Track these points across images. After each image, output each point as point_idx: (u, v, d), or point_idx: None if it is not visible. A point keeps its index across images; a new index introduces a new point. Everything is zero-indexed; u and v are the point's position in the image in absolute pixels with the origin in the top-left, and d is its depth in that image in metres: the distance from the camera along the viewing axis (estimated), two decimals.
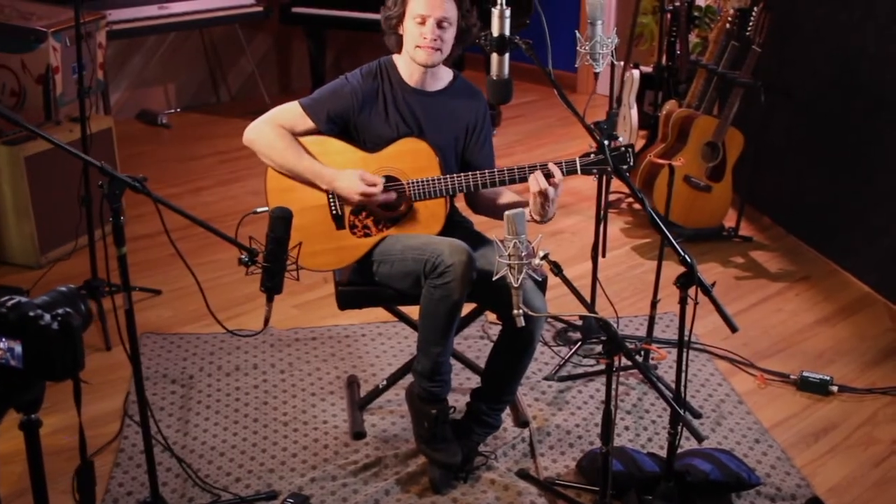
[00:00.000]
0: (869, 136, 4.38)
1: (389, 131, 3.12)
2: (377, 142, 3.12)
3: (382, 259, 3.08)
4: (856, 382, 3.71)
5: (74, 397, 1.79)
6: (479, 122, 3.22)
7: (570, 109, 2.72)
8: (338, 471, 3.12)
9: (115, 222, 2.55)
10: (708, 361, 3.83)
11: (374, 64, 3.18)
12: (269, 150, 3.08)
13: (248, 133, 3.11)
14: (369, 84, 3.12)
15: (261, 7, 6.58)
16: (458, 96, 3.19)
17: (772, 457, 3.25)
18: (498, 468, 3.14)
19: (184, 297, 4.27)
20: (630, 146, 3.05)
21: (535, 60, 2.72)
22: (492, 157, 3.30)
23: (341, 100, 3.10)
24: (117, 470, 3.14)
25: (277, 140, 3.07)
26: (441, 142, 3.16)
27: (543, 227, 5.01)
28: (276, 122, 3.09)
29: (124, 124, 6.64)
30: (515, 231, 2.46)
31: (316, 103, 3.11)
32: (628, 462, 3.02)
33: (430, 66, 3.09)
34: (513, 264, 2.47)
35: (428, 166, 3.08)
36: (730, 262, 4.74)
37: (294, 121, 3.09)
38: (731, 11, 4.81)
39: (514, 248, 2.47)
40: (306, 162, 3.06)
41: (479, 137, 3.23)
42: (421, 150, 3.08)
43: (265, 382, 3.65)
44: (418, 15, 3.00)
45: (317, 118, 3.09)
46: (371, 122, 3.12)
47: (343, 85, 3.13)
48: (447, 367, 3.04)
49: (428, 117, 3.15)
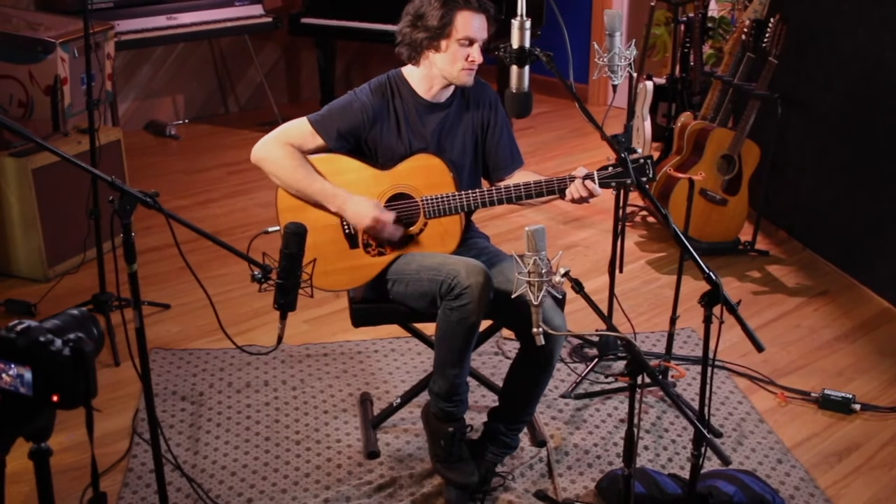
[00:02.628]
0: (887, 149, 4.31)
1: (402, 147, 3.05)
2: (390, 157, 3.05)
3: (397, 278, 3.01)
4: (878, 400, 3.64)
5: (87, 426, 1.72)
6: (489, 121, 3.16)
7: (591, 122, 2.66)
8: (352, 491, 3.05)
9: (126, 238, 2.48)
10: (727, 379, 3.76)
11: (382, 78, 3.11)
12: (278, 170, 3.00)
13: (257, 152, 3.04)
14: (379, 99, 3.05)
15: (270, 17, 6.54)
16: (467, 100, 3.13)
17: (795, 478, 3.18)
18: (515, 489, 3.07)
19: (193, 312, 4.21)
20: (650, 157, 2.99)
21: (555, 73, 2.67)
22: (517, 152, 3.24)
23: (351, 116, 3.03)
24: (126, 490, 3.08)
25: (287, 160, 2.99)
26: (455, 154, 3.10)
27: (556, 241, 5.01)
28: (284, 140, 3.01)
29: (133, 135, 6.60)
30: (535, 248, 2.38)
31: (325, 120, 3.03)
32: (650, 484, 2.95)
33: (469, 85, 3.04)
34: (532, 281, 2.40)
35: (441, 182, 3.01)
36: (746, 276, 4.67)
37: (303, 138, 3.02)
38: (746, 23, 4.75)
39: (535, 265, 2.40)
40: (317, 184, 2.99)
41: (495, 129, 3.17)
42: (434, 167, 3.02)
43: (276, 399, 3.58)
44: (466, 38, 2.93)
45: (326, 136, 3.01)
46: (383, 139, 3.05)
47: (352, 101, 3.05)
48: (464, 388, 2.98)
49: (442, 130, 3.09)
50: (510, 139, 3.23)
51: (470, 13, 2.92)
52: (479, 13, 2.93)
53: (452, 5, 2.91)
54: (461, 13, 2.91)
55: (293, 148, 3.01)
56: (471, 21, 2.92)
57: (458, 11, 2.91)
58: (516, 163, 3.22)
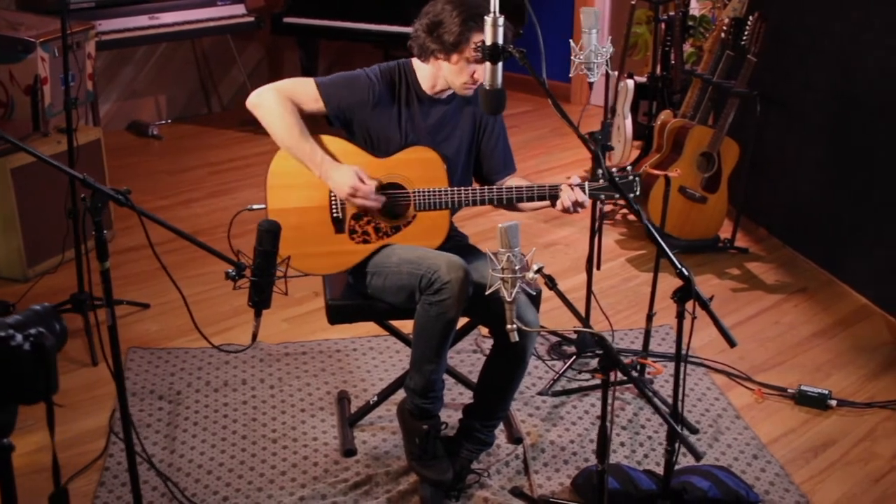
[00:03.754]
0: (865, 147, 4.33)
1: (398, 137, 3.04)
2: (382, 144, 3.05)
3: (376, 271, 3.01)
4: (855, 396, 3.66)
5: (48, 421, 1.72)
6: (489, 119, 3.16)
7: (565, 119, 2.66)
8: (328, 489, 3.05)
9: (98, 236, 2.48)
10: (704, 375, 3.77)
11: (392, 64, 3.09)
12: (274, 120, 2.96)
13: (257, 97, 3.00)
14: (387, 83, 3.04)
15: (252, 17, 6.52)
16: (466, 98, 3.13)
17: (770, 473, 3.19)
18: (491, 486, 3.08)
19: (172, 311, 4.20)
20: (638, 175, 3.02)
21: (529, 70, 2.66)
22: (508, 153, 3.26)
23: (357, 91, 3.01)
24: (102, 489, 3.07)
25: (286, 114, 2.95)
26: (450, 150, 3.09)
27: (536, 239, 5.01)
28: (287, 93, 2.97)
29: (115, 135, 6.59)
30: (509, 244, 2.39)
31: (332, 87, 3.01)
32: (624, 480, 2.95)
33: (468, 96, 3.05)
34: (506, 278, 2.40)
35: (435, 177, 3.01)
36: (726, 273, 4.68)
37: (306, 97, 2.98)
38: (726, 21, 4.77)
39: (508, 261, 2.41)
40: (308, 146, 2.96)
41: (492, 132, 3.18)
42: (430, 160, 3.01)
43: (254, 398, 3.58)
44: (477, 56, 2.92)
45: (329, 102, 2.99)
46: (379, 122, 3.03)
47: (359, 76, 3.04)
48: (440, 384, 2.98)
49: (439, 125, 3.09)
50: (506, 145, 3.25)
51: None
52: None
53: (472, 25, 2.89)
54: (479, 35, 2.89)
55: (293, 104, 2.98)
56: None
57: (475, 32, 2.90)
58: (508, 169, 3.24)
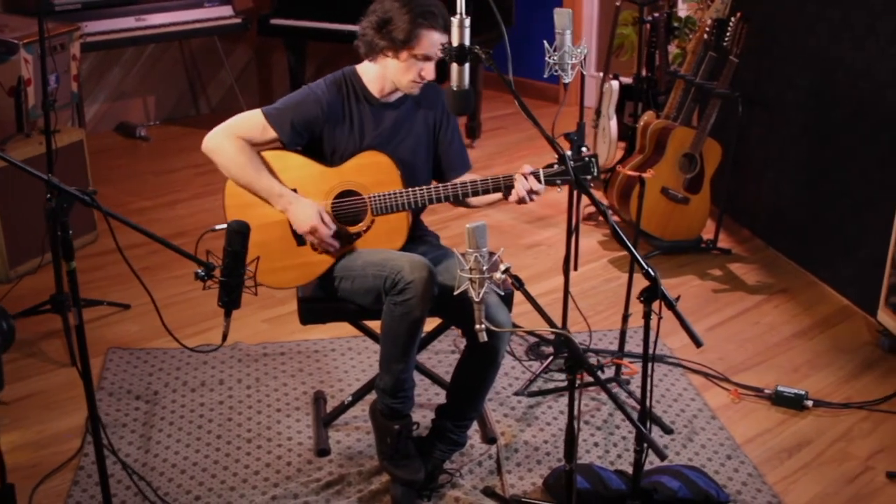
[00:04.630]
0: (846, 148, 4.33)
1: (353, 145, 3.06)
2: (340, 153, 3.06)
3: (344, 275, 3.03)
4: (832, 397, 3.66)
5: None
6: (441, 121, 3.18)
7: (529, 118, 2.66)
8: (300, 488, 3.06)
9: (64, 236, 2.48)
10: (682, 376, 3.77)
11: (338, 74, 3.12)
12: (227, 162, 3.00)
13: (207, 143, 3.03)
14: (334, 94, 3.06)
15: (239, 19, 6.53)
16: (420, 100, 3.14)
17: (743, 473, 3.19)
18: (463, 486, 3.08)
19: (152, 312, 4.10)
20: (594, 156, 3.00)
21: (495, 70, 2.67)
22: (465, 155, 3.26)
23: (306, 109, 3.03)
24: (76, 488, 3.08)
25: (238, 154, 2.99)
26: (407, 152, 3.11)
27: (519, 240, 5.02)
28: (235, 133, 3.00)
29: (103, 137, 6.61)
30: (476, 244, 2.40)
31: (279, 113, 3.03)
32: (594, 480, 2.96)
33: (415, 94, 3.06)
34: (474, 278, 2.41)
35: (389, 180, 3.02)
36: (707, 274, 4.68)
37: (255, 131, 3.01)
38: (708, 22, 4.77)
39: (475, 261, 2.42)
40: (265, 181, 2.99)
41: (443, 136, 3.19)
42: (382, 164, 3.03)
43: (231, 398, 3.58)
44: (426, 56, 2.94)
45: (280, 129, 3.01)
46: (335, 135, 3.06)
47: (307, 94, 3.06)
48: (410, 384, 2.98)
49: (393, 129, 3.10)
50: (460, 142, 3.26)
51: (436, 33, 2.94)
52: (445, 33, 2.93)
53: (421, 23, 2.91)
54: (428, 32, 2.92)
55: (244, 141, 3.00)
56: (435, 40, 2.93)
57: (424, 30, 2.92)
58: (466, 166, 3.24)
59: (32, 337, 4.00)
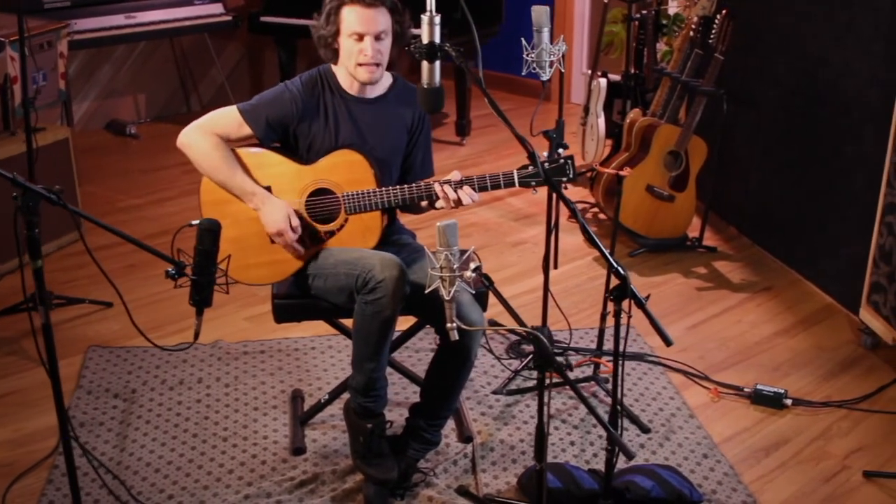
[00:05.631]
0: (829, 145, 4.32)
1: (329, 141, 3.06)
2: (316, 152, 3.06)
3: (317, 273, 3.02)
4: (812, 395, 3.64)
5: None
6: (418, 124, 3.17)
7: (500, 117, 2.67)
8: (273, 487, 3.05)
9: (30, 235, 2.48)
10: (661, 374, 3.76)
11: (313, 72, 3.12)
12: (201, 159, 3.02)
13: (182, 138, 3.05)
14: (310, 92, 3.06)
15: (230, 16, 6.52)
16: (398, 100, 3.14)
17: (719, 472, 3.18)
18: (437, 485, 3.07)
19: (135, 310, 4.14)
20: (570, 157, 3.00)
21: (464, 66, 2.66)
22: (430, 159, 3.26)
23: (281, 106, 3.04)
24: (49, 487, 3.08)
25: (212, 150, 3.00)
26: (383, 151, 3.10)
27: (505, 238, 5.01)
28: (211, 129, 3.02)
29: (93, 135, 6.61)
30: (447, 242, 2.39)
31: (255, 109, 3.04)
32: (567, 479, 2.95)
33: (372, 83, 3.05)
34: (444, 277, 2.40)
35: (363, 179, 3.02)
36: (692, 272, 4.67)
37: (230, 127, 3.02)
38: (694, 19, 4.76)
39: (446, 260, 2.41)
40: (238, 179, 3.00)
41: (417, 139, 3.18)
42: (356, 162, 3.02)
43: (208, 397, 3.58)
44: (354, 33, 2.94)
45: (255, 125, 3.02)
46: (311, 132, 3.06)
47: (283, 91, 3.07)
48: (382, 383, 2.98)
49: (370, 126, 3.09)
50: (428, 147, 3.25)
51: (356, 7, 2.94)
52: (368, 7, 2.93)
53: (339, 3, 2.95)
54: (346, 8, 2.96)
55: (219, 138, 3.01)
56: (356, 15, 2.93)
57: (343, 7, 2.96)
58: (426, 173, 3.24)
59: (12, 335, 4.00)
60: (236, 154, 3.03)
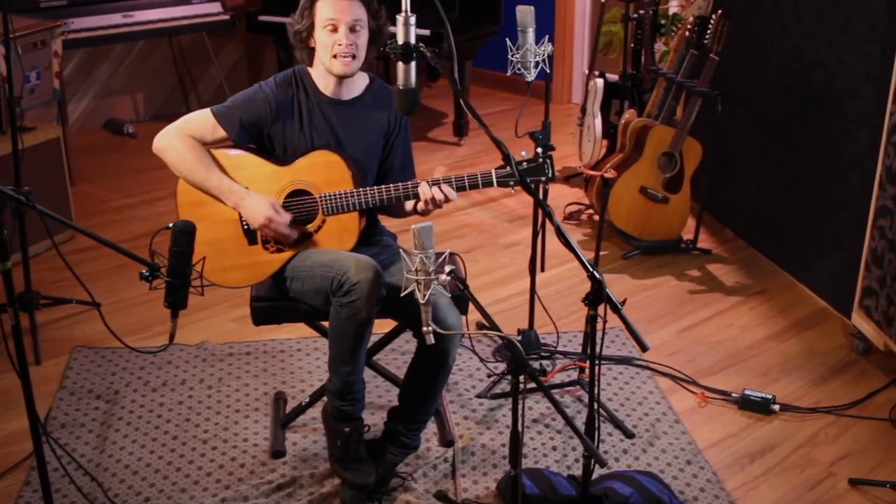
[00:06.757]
0: (822, 147, 4.27)
1: (304, 143, 3.04)
2: (291, 152, 3.04)
3: (294, 275, 3.00)
4: (800, 401, 3.60)
5: None
6: (395, 126, 3.13)
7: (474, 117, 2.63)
8: (251, 491, 3.03)
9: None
10: (649, 379, 3.72)
11: (288, 72, 3.10)
12: (177, 161, 3.00)
13: (157, 142, 3.04)
14: (283, 93, 3.04)
15: (228, 16, 6.50)
16: (375, 101, 3.11)
17: (702, 479, 3.14)
18: (416, 489, 3.05)
19: (121, 311, 4.19)
20: (549, 157, 2.97)
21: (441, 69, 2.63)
22: (410, 163, 3.23)
23: (254, 107, 3.02)
24: (27, 488, 3.06)
25: (187, 152, 2.98)
26: (359, 152, 3.08)
27: (498, 239, 4.98)
28: (185, 131, 3.00)
29: (90, 134, 6.60)
30: (422, 245, 2.37)
31: (228, 111, 3.03)
32: (544, 485, 2.92)
33: (348, 75, 3.02)
34: (420, 280, 2.38)
35: (341, 179, 2.99)
36: (685, 275, 4.62)
37: (205, 129, 3.00)
38: (690, 19, 4.72)
39: (421, 263, 2.38)
40: (215, 179, 2.98)
41: (395, 141, 3.15)
42: (333, 163, 3.00)
43: (191, 398, 3.56)
44: (328, 21, 2.92)
45: (229, 127, 3.00)
46: (285, 133, 3.03)
47: (256, 92, 3.05)
48: (359, 386, 2.96)
49: (345, 128, 3.07)
50: (407, 150, 3.21)
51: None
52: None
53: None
54: (320, 1, 2.94)
55: (194, 140, 2.99)
56: (330, 5, 2.91)
57: (317, 1, 2.94)
58: (408, 175, 3.20)
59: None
60: (213, 156, 3.01)
